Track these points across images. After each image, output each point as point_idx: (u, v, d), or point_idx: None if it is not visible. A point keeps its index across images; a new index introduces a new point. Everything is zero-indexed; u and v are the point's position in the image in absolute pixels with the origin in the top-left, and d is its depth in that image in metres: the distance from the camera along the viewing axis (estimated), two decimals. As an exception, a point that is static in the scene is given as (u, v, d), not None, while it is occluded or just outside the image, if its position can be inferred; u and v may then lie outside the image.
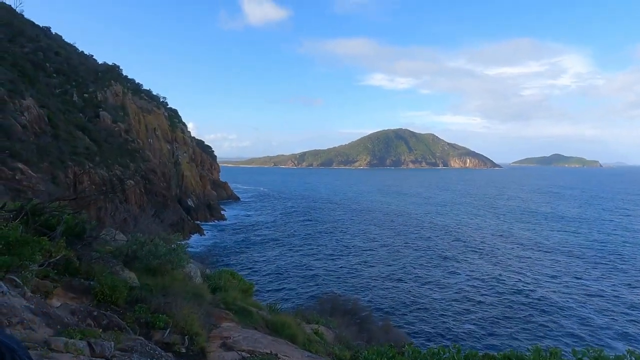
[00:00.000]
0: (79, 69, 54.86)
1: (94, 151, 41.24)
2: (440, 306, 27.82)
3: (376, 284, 32.76)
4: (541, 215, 71.16)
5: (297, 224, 61.44)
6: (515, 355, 2.79)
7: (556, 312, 26.84)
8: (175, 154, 66.14)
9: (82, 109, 48.25)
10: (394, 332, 17.46)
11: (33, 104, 37.00)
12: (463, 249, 45.09)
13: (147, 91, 70.76)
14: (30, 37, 50.17)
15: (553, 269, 36.97)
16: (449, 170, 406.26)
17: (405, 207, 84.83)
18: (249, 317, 7.36)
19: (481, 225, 61.73)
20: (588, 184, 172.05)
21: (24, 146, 32.56)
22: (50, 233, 5.14)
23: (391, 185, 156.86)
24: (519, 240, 50.20)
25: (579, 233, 54.09)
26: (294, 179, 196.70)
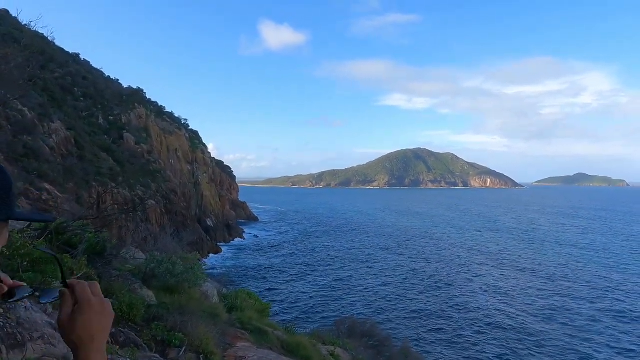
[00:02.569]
0: (105, 92, 56.90)
1: (117, 172, 42.33)
2: (462, 330, 27.07)
3: (395, 306, 32.17)
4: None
5: (316, 245, 61.19)
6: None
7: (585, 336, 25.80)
8: (195, 175, 67.27)
9: (107, 131, 49.83)
10: (414, 356, 17.05)
11: (61, 127, 38.43)
12: (491, 275, 44.03)
13: (169, 113, 72.69)
14: (60, 63, 52.49)
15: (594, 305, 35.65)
16: (468, 190, 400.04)
17: (426, 228, 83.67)
18: (264, 337, 7.34)
19: (509, 250, 60.35)
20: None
21: (51, 167, 33.68)
22: (72, 251, 5.31)
23: (410, 206, 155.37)
24: (546, 267, 48.77)
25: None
26: (312, 199, 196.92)
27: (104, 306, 0.98)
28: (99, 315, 0.95)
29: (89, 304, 0.95)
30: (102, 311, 0.97)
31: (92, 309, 0.95)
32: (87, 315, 0.94)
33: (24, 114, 34.87)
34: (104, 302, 0.99)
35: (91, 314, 0.94)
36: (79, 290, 0.96)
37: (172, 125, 67.51)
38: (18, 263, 3.83)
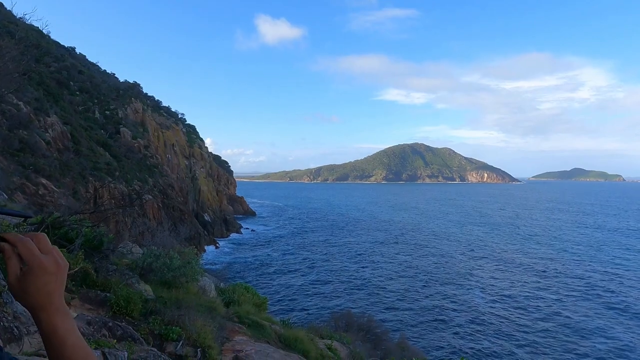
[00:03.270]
0: (101, 86, 56.56)
1: (114, 166, 42.18)
2: (457, 323, 27.24)
3: (392, 300, 32.32)
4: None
5: (313, 239, 61.29)
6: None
7: (580, 333, 25.99)
8: (192, 169, 67.12)
9: (104, 126, 49.59)
10: (411, 349, 17.13)
11: (57, 121, 38.20)
12: (482, 267, 44.25)
13: (166, 108, 72.39)
14: (55, 57, 52.09)
15: (586, 290, 35.93)
16: (465, 185, 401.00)
17: (422, 224, 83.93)
18: (261, 331, 7.36)
19: (501, 244, 60.65)
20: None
21: (47, 162, 33.53)
22: (69, 245, 5.29)
23: (406, 201, 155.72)
24: (541, 259, 49.04)
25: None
26: (310, 194, 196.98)
27: (58, 263, 0.88)
28: (53, 275, 0.87)
29: (41, 265, 0.86)
30: (56, 270, 0.87)
31: (46, 271, 0.86)
32: (40, 278, 0.85)
33: (20, 108, 34.64)
34: (57, 258, 0.89)
35: (45, 277, 0.86)
36: (25, 252, 0.86)
37: (168, 119, 67.25)
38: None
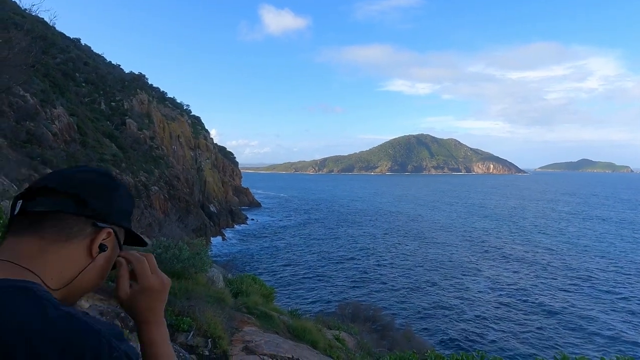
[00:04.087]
0: (107, 78, 56.60)
1: (120, 158, 42.33)
2: (463, 315, 27.29)
3: (398, 291, 32.41)
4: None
5: (318, 230, 61.45)
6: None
7: (583, 321, 25.95)
8: (198, 161, 67.28)
9: (110, 117, 49.71)
10: (416, 339, 17.20)
11: (63, 113, 38.33)
12: (487, 258, 44.19)
13: (172, 99, 72.40)
14: (61, 48, 52.12)
15: (591, 281, 35.83)
16: (471, 176, 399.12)
17: (426, 215, 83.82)
18: (270, 321, 7.40)
19: (506, 236, 60.48)
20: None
21: (54, 153, 33.70)
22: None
23: (411, 192, 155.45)
24: (545, 251, 48.88)
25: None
26: (315, 185, 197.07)
27: (163, 283, 0.96)
28: (159, 293, 0.94)
29: (151, 286, 0.93)
30: (162, 289, 0.95)
31: (154, 290, 0.93)
32: (149, 297, 0.93)
33: (26, 100, 34.77)
34: (162, 278, 0.96)
35: (153, 295, 0.93)
36: (140, 271, 0.94)
37: (174, 111, 67.28)
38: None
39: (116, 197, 0.90)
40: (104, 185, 0.88)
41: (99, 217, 0.85)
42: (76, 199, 0.82)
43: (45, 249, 0.79)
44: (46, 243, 0.79)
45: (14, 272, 0.74)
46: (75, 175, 0.86)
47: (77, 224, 0.83)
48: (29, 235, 0.79)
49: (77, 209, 0.82)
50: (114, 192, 0.90)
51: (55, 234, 0.80)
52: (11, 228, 0.82)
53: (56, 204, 0.81)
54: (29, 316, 0.64)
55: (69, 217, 0.82)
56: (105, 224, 0.86)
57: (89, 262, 0.84)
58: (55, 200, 0.81)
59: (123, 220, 0.92)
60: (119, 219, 0.90)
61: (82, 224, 0.83)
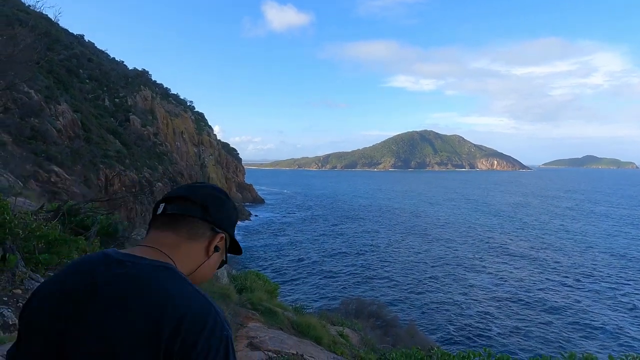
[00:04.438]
0: (110, 74, 56.67)
1: (124, 154, 42.46)
2: (466, 310, 27.29)
3: (401, 286, 32.43)
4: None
5: (322, 227, 61.51)
6: (546, 359, 2.70)
7: (589, 320, 25.90)
8: (201, 157, 67.43)
9: (113, 114, 49.81)
10: (420, 336, 17.21)
11: (67, 109, 38.44)
12: (491, 254, 44.13)
13: (175, 95, 72.43)
14: (65, 45, 52.17)
15: (599, 278, 35.74)
16: (474, 172, 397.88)
17: (430, 211, 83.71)
18: (274, 317, 7.42)
19: (514, 232, 60.35)
20: None
21: (59, 150, 33.82)
22: (85, 233, 5.34)
23: (414, 188, 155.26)
24: (554, 245, 48.76)
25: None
26: (319, 182, 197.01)
27: None
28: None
29: None
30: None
31: None
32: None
33: (31, 96, 34.85)
34: None
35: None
36: None
37: (177, 107, 67.35)
38: (33, 244, 3.85)
39: (228, 209, 1.14)
40: (221, 199, 1.13)
41: (216, 224, 1.08)
42: (203, 207, 1.06)
43: (178, 244, 1.02)
44: (179, 239, 1.02)
45: (159, 255, 0.96)
46: (202, 189, 1.11)
47: (201, 227, 1.06)
48: (167, 231, 1.03)
49: (203, 215, 1.06)
50: (227, 205, 1.14)
51: (186, 232, 1.04)
52: (154, 224, 1.06)
53: (189, 209, 1.05)
54: (173, 287, 0.87)
55: (197, 221, 1.06)
56: (220, 230, 1.10)
57: (205, 259, 1.07)
58: (188, 206, 1.05)
59: (230, 229, 1.17)
60: (228, 227, 1.14)
61: (204, 228, 1.07)
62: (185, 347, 0.80)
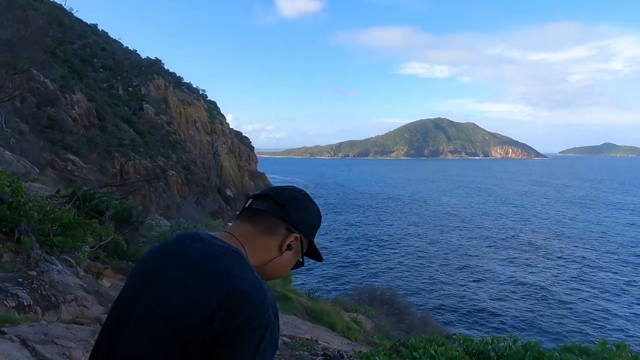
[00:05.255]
0: (124, 63, 56.97)
1: (139, 143, 42.86)
2: (480, 299, 27.14)
3: (414, 274, 32.37)
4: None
5: (335, 215, 61.55)
6: (578, 348, 2.59)
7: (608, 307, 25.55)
8: (214, 145, 67.68)
9: (127, 102, 50.17)
10: (433, 323, 17.14)
11: (82, 98, 38.84)
12: (504, 244, 43.74)
13: (188, 84, 72.56)
14: (78, 34, 52.49)
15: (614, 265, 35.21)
16: (488, 160, 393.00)
17: (442, 199, 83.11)
18: (289, 303, 7.42)
19: (529, 218, 59.71)
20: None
21: (74, 138, 34.28)
22: (100, 217, 5.35)
23: (427, 177, 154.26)
24: (568, 233, 48.10)
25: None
26: (331, 170, 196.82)
27: None
28: None
29: None
30: None
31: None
32: None
33: (47, 86, 35.27)
34: None
35: None
36: None
37: (190, 96, 67.51)
38: (48, 227, 3.85)
39: (308, 213, 1.22)
40: (302, 202, 1.21)
41: (292, 224, 1.16)
42: (283, 206, 1.16)
43: (253, 235, 1.12)
44: (256, 231, 1.12)
45: (234, 241, 1.07)
46: (287, 191, 1.22)
47: (278, 224, 1.14)
48: (247, 223, 1.15)
49: (281, 214, 1.15)
50: (307, 209, 1.22)
51: (263, 226, 1.13)
52: (240, 216, 1.19)
53: (269, 207, 1.15)
54: (232, 266, 0.97)
55: (274, 218, 1.15)
56: (295, 231, 1.17)
57: (277, 255, 1.15)
58: (269, 204, 1.16)
59: (309, 233, 1.22)
60: (306, 230, 1.21)
61: (281, 226, 1.15)
62: (228, 316, 0.88)
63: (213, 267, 0.96)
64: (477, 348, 2.62)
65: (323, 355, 4.69)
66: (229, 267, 0.97)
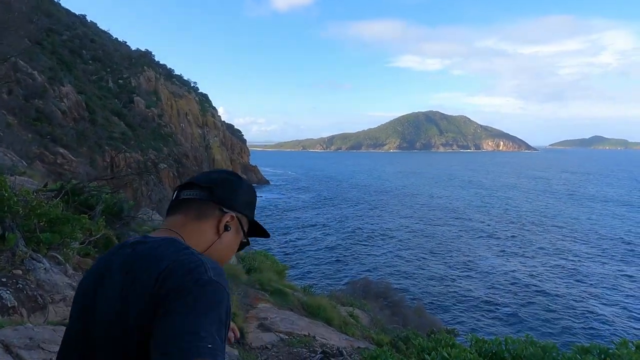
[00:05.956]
0: (114, 55, 56.06)
1: (129, 136, 42.33)
2: (473, 290, 27.30)
3: (406, 267, 32.46)
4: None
5: (327, 207, 61.49)
6: (598, 348, 2.49)
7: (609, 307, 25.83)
8: (206, 138, 67.15)
9: (117, 95, 49.43)
10: (427, 316, 17.17)
11: (72, 91, 38.17)
12: (500, 235, 44.04)
13: (179, 76, 71.72)
14: (67, 25, 51.51)
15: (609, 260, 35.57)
16: (479, 153, 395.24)
17: (438, 191, 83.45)
18: (284, 298, 7.30)
19: (520, 213, 60.17)
20: None
21: (64, 131, 33.72)
22: (89, 212, 5.16)
23: (413, 167, 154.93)
24: (563, 227, 48.55)
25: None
26: (324, 163, 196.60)
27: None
28: None
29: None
30: None
31: None
32: None
33: (34, 77, 34.55)
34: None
35: None
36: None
37: (181, 88, 66.77)
38: (34, 223, 3.67)
39: (238, 191, 1.20)
40: (229, 180, 1.20)
41: (223, 204, 1.15)
42: (208, 189, 1.15)
43: (186, 223, 1.11)
44: (188, 219, 1.11)
45: (169, 233, 1.07)
46: (212, 174, 1.22)
47: (208, 207, 1.14)
48: (178, 214, 1.13)
49: (208, 197, 1.14)
50: (237, 187, 1.20)
51: (194, 213, 1.13)
52: (170, 209, 1.17)
53: (196, 193, 1.15)
54: (171, 249, 0.97)
55: (204, 203, 1.14)
56: (229, 210, 1.15)
57: (216, 237, 1.13)
58: (196, 190, 1.15)
59: (245, 210, 1.20)
60: (241, 208, 1.19)
61: (212, 209, 1.14)
62: (161, 285, 0.88)
63: (150, 257, 0.95)
64: (490, 349, 2.51)
65: (322, 352, 4.57)
66: (166, 250, 0.96)
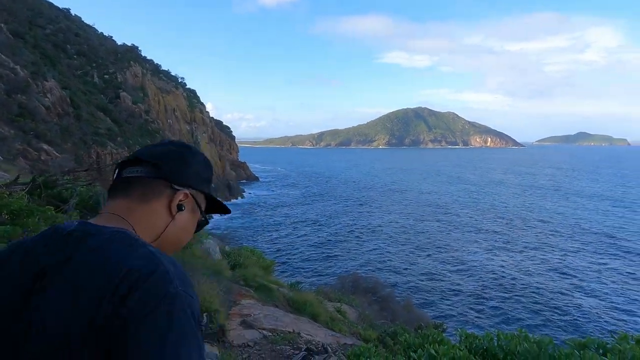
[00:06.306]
0: (99, 50, 55.08)
1: (115, 132, 41.64)
2: (460, 285, 27.43)
3: (396, 262, 32.51)
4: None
5: (317, 204, 61.40)
6: (595, 342, 2.37)
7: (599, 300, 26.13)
8: (194, 135, 66.43)
9: (103, 90, 48.58)
10: (416, 311, 17.14)
11: (56, 86, 37.33)
12: (488, 229, 44.36)
13: (166, 72, 70.82)
14: (50, 19, 50.42)
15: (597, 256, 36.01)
16: (467, 150, 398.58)
17: (427, 187, 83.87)
18: (269, 294, 7.13)
19: (509, 208, 60.71)
20: None
21: (48, 127, 32.99)
22: (63, 205, 4.92)
23: (401, 164, 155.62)
24: (549, 222, 49.07)
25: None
26: (313, 159, 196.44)
27: None
28: None
29: None
30: None
31: None
32: None
33: (17, 72, 33.71)
34: None
35: None
36: None
37: (168, 84, 65.91)
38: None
39: (191, 164, 1.02)
40: (180, 154, 1.01)
41: (174, 180, 0.97)
42: (155, 165, 0.96)
43: (131, 207, 0.92)
44: (133, 202, 0.93)
45: (117, 221, 0.88)
46: (157, 148, 1.02)
47: (156, 186, 0.96)
48: (121, 197, 0.94)
49: (155, 173, 0.96)
50: (189, 160, 1.02)
51: (139, 194, 0.94)
52: (111, 190, 0.97)
53: (141, 170, 0.96)
54: (123, 251, 0.78)
55: (150, 181, 0.96)
56: (182, 188, 0.98)
57: (170, 219, 0.96)
58: (140, 167, 0.97)
59: (200, 185, 1.03)
60: (196, 183, 1.02)
61: (161, 187, 0.96)
62: (125, 304, 0.70)
63: (100, 259, 0.75)
64: (482, 345, 2.37)
65: (306, 349, 4.42)
66: (117, 252, 0.77)
